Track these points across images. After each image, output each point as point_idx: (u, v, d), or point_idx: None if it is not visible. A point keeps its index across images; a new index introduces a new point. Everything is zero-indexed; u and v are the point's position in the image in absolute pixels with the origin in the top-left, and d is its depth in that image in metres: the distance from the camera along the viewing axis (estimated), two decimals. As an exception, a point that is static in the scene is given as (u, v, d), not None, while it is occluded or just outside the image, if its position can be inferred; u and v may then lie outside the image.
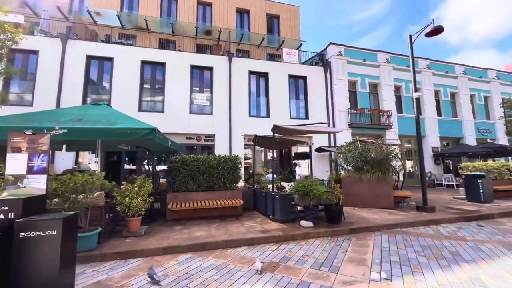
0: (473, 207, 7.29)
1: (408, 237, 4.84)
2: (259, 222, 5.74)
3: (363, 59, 14.91)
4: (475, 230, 5.29)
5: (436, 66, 16.84)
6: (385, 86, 15.20)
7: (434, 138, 15.77)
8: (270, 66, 13.48)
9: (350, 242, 4.58)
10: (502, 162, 9.77)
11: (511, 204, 7.84)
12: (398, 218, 5.92)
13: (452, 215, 6.28)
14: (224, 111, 12.28)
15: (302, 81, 14.02)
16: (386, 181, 7.21)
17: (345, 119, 13.95)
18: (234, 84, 12.61)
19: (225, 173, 6.47)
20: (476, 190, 8.23)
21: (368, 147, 7.71)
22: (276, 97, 13.17)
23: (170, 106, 11.65)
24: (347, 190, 7.76)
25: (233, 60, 12.82)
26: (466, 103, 17.12)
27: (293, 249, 4.24)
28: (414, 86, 7.63)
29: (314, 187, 5.13)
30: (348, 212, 6.78)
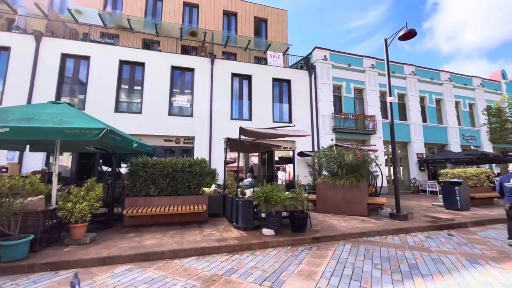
0: (448, 215, 7.12)
1: (372, 247, 4.60)
2: (221, 229, 5.44)
3: (348, 64, 14.86)
4: (443, 240, 5.08)
5: (421, 72, 16.91)
6: (370, 91, 15.15)
7: (419, 144, 15.73)
8: (254, 68, 13.30)
9: (309, 252, 4.31)
10: (482, 169, 9.68)
11: (487, 212, 7.70)
12: (367, 227, 5.69)
13: (424, 223, 6.08)
14: (205, 114, 12.01)
15: (286, 85, 13.86)
16: (359, 187, 6.99)
17: (329, 124, 13.81)
18: (216, 86, 12.38)
19: (189, 177, 6.17)
20: (453, 197, 8.08)
21: (343, 152, 7.51)
22: (259, 100, 12.97)
23: (148, 107, 11.34)
24: (321, 196, 7.55)
25: (216, 62, 12.61)
26: (451, 109, 17.19)
27: (244, 260, 3.95)
28: (388, 91, 7.50)
29: (274, 193, 4.86)
30: (318, 219, 6.53)
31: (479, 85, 18.40)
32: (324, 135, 13.59)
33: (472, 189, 9.23)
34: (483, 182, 9.55)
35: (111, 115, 10.85)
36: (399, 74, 16.12)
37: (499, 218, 6.75)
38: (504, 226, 6.28)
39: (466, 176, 9.22)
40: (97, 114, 10.65)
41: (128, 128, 11.00)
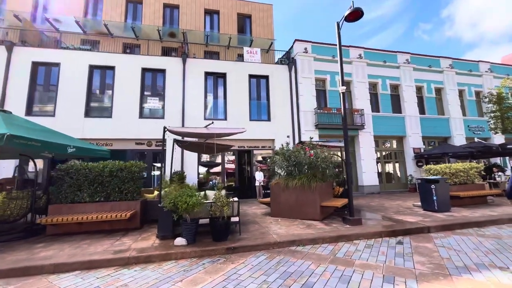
0: (416, 218, 6.23)
1: (289, 259, 3.97)
2: (140, 238, 5.03)
3: (332, 56, 13.97)
4: (383, 249, 4.33)
5: (418, 60, 15.58)
6: (358, 84, 14.15)
7: (415, 138, 14.47)
8: (228, 66, 12.84)
9: (210, 265, 3.78)
10: (471, 164, 8.53)
11: (467, 214, 6.69)
12: (304, 233, 5.03)
13: (377, 228, 5.30)
14: (177, 115, 11.71)
15: (264, 81, 13.26)
16: (311, 188, 6.30)
17: (311, 120, 13.03)
18: (188, 86, 12.06)
19: (119, 182, 5.82)
20: (430, 197, 7.12)
21: (294, 150, 6.85)
22: (235, 99, 12.48)
23: (119, 111, 11.22)
24: (275, 198, 6.95)
25: (188, 61, 12.29)
26: (453, 99, 15.69)
27: (124, 275, 3.50)
28: (341, 79, 6.74)
29: (181, 198, 4.37)
30: (262, 224, 5.95)
31: (487, 71, 16.68)
32: (306, 132, 12.82)
33: (459, 186, 8.18)
34: (474, 179, 8.42)
35: (81, 121, 10.85)
36: (391, 63, 14.94)
37: (476, 221, 5.80)
38: (474, 231, 5.36)
39: (451, 172, 8.15)
40: (67, 120, 10.77)
41: (99, 133, 11.01)
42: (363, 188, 13.09)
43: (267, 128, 12.53)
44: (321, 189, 6.53)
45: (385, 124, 14.20)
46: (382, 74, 14.76)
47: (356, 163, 13.69)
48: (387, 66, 14.88)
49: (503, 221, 5.93)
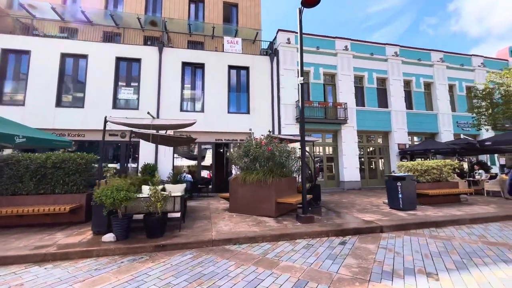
0: (375, 217, 5.97)
1: (215, 258, 3.75)
2: (75, 234, 4.81)
3: (316, 47, 13.50)
4: (322, 250, 4.08)
5: (407, 53, 15.06)
6: (343, 76, 13.72)
7: (401, 133, 14.10)
8: (207, 56, 12.45)
9: (127, 264, 3.56)
10: (446, 161, 8.20)
11: (432, 213, 6.42)
12: (246, 231, 4.79)
13: (326, 227, 5.05)
14: (153, 106, 11.41)
15: (244, 72, 12.88)
16: (267, 184, 6.04)
17: (292, 113, 12.69)
18: (164, 76, 11.71)
19: (63, 174, 5.59)
20: (396, 194, 6.85)
21: (252, 144, 6.57)
22: (213, 90, 12.13)
23: (91, 101, 10.94)
24: (233, 194, 6.72)
25: (164, 51, 11.91)
26: (443, 94, 15.23)
27: (28, 274, 3.29)
28: (300, 69, 6.36)
29: (107, 193, 4.12)
30: (214, 220, 5.73)
31: (480, 65, 16.14)
32: (286, 125, 12.51)
33: (431, 184, 7.89)
34: (447, 176, 8.11)
35: (51, 111, 10.60)
36: (379, 56, 14.45)
37: (435, 221, 5.53)
38: (429, 231, 5.10)
39: (422, 169, 7.85)
40: (37, 110, 10.52)
41: (71, 123, 10.76)
42: (343, 183, 12.84)
43: (246, 121, 12.20)
44: (279, 185, 6.27)
45: (370, 119, 13.84)
46: (369, 67, 14.29)
47: (338, 158, 13.40)
48: (375, 58, 14.39)
49: (464, 222, 5.67)
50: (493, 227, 5.41)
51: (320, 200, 8.42)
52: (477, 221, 5.76)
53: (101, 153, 5.19)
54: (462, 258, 3.65)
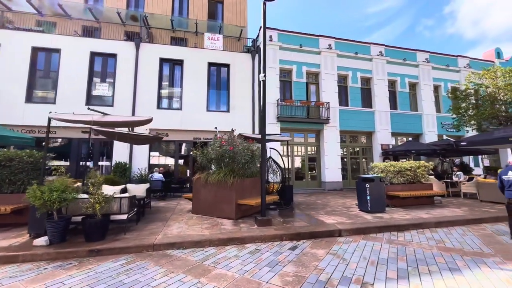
0: (339, 219, 5.77)
1: (147, 265, 3.50)
2: (12, 236, 4.52)
3: (299, 45, 13.28)
4: (266, 256, 3.86)
5: (393, 53, 14.92)
6: (326, 75, 13.52)
7: (384, 134, 13.95)
8: (186, 52, 12.16)
9: (48, 271, 3.29)
10: (420, 162, 8.05)
11: (398, 216, 6.24)
12: (193, 235, 4.55)
13: (280, 231, 4.83)
14: (128, 103, 11.09)
15: (225, 70, 12.61)
16: (227, 184, 5.80)
17: (273, 112, 12.46)
18: (141, 72, 11.40)
19: (8, 173, 5.29)
20: (364, 196, 6.66)
21: (214, 143, 6.33)
22: (192, 87, 11.85)
23: (63, 96, 10.59)
24: (196, 194, 6.47)
25: (142, 46, 11.59)
26: (427, 94, 15.12)
27: None
28: (263, 65, 6.13)
29: (34, 194, 3.84)
30: (170, 221, 5.47)
31: (466, 66, 16.06)
32: (268, 124, 12.18)
33: (404, 185, 7.73)
34: (421, 178, 7.96)
35: (21, 106, 10.23)
36: (363, 55, 14.27)
37: (397, 225, 5.34)
38: (389, 235, 4.91)
39: (395, 170, 7.68)
40: (6, 105, 10.15)
41: (41, 120, 10.35)
42: (325, 184, 12.66)
43: (225, 119, 11.94)
44: (242, 185, 6.04)
45: (353, 119, 13.67)
46: (353, 66, 14.12)
47: (320, 158, 13.22)
48: (359, 58, 14.22)
49: (428, 225, 5.49)
50: (456, 231, 5.24)
51: (292, 201, 8.24)
52: (442, 225, 5.59)
53: (45, 151, 4.88)
54: (408, 266, 3.45)
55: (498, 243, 4.43)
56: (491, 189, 8.11)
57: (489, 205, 7.74)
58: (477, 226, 5.65)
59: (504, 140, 7.16)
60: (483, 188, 8.35)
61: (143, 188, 6.69)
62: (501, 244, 4.34)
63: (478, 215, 6.21)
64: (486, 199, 8.21)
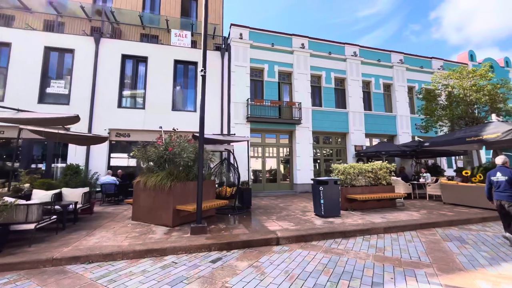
0: (286, 225, 5.39)
1: (29, 285, 2.99)
2: None
3: (271, 44, 12.95)
4: (178, 271, 3.41)
5: (367, 53, 14.81)
6: (299, 75, 13.23)
7: (358, 135, 13.77)
8: (151, 49, 11.61)
9: None
10: (381, 164, 7.81)
11: (350, 220, 5.92)
12: (107, 246, 4.05)
13: (209, 240, 4.39)
14: (86, 101, 10.44)
15: (193, 68, 12.14)
16: (165, 188, 5.33)
17: (243, 112, 12.04)
18: (101, 69, 10.77)
19: None
20: (318, 200, 6.32)
21: (152, 144, 5.86)
22: (156, 86, 11.30)
23: (14, 94, 9.85)
24: (136, 199, 5.96)
25: (102, 42, 10.97)
26: (402, 96, 15.09)
27: None
28: (203, 59, 5.72)
29: None
30: (100, 229, 4.94)
31: (439, 68, 16.14)
32: (236, 125, 11.86)
33: (364, 188, 7.44)
34: (383, 179, 7.71)
35: (-36, 104, 9.43)
36: (337, 56, 14.08)
37: (345, 231, 5.00)
38: (331, 243, 4.55)
39: (355, 172, 7.39)
40: None
41: (-12, 118, 9.61)
42: (297, 186, 12.33)
43: (192, 119, 11.45)
44: (183, 189, 5.58)
45: (327, 120, 13.43)
46: (327, 66, 13.91)
47: (292, 160, 12.90)
48: (333, 58, 14.02)
49: (377, 231, 5.18)
50: (405, 237, 4.94)
51: (250, 205, 7.84)
52: (392, 230, 5.29)
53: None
54: (328, 281, 3.08)
55: (441, 250, 4.13)
56: (454, 191, 7.96)
57: (450, 207, 7.55)
58: (428, 231, 5.38)
59: (462, 141, 6.99)
60: (446, 190, 8.18)
61: (79, 192, 6.12)
62: (442, 252, 4.05)
63: (434, 219, 5.96)
64: (449, 201, 8.04)
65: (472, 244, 4.47)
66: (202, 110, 5.41)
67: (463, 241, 4.61)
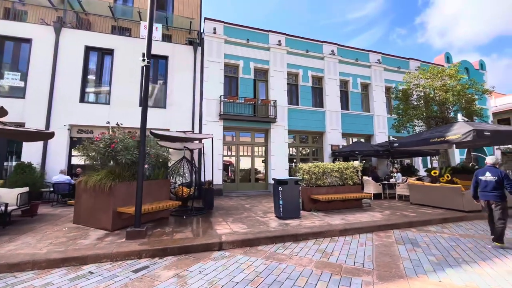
0: (241, 227, 5.05)
1: None
2: None
3: (246, 39, 12.60)
4: (89, 282, 3.00)
5: (345, 52, 14.71)
6: (275, 73, 12.94)
7: (335, 134, 13.64)
8: (118, 41, 11.02)
9: None
10: (349, 163, 7.62)
11: (308, 223, 5.65)
12: (19, 255, 3.59)
13: (142, 246, 3.99)
14: (43, 95, 9.74)
15: (163, 62, 11.62)
16: (104, 189, 4.87)
17: (215, 109, 11.62)
18: (62, 61, 10.09)
19: None
20: (277, 201, 6.02)
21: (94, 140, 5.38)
22: (123, 80, 10.71)
23: (-40, 85, 9.05)
24: (78, 200, 5.46)
25: (63, 32, 10.29)
26: (379, 95, 15.10)
27: None
28: (147, 52, 5.31)
29: None
30: (21, 234, 4.42)
31: (417, 69, 16.24)
32: (208, 122, 11.43)
33: (330, 188, 7.21)
34: (349, 179, 7.51)
35: None
36: (315, 54, 13.90)
37: (296, 234, 4.71)
38: (278, 247, 4.24)
39: (319, 171, 7.14)
40: None
41: None
42: (270, 186, 12.03)
43: (161, 116, 10.95)
44: (126, 190, 5.13)
45: (303, 119, 13.21)
46: (304, 64, 13.69)
47: (267, 159, 12.60)
48: (310, 56, 13.82)
49: (332, 233, 4.92)
50: (359, 239, 4.71)
51: (213, 206, 7.47)
52: (348, 232, 5.05)
53: None
54: (252, 293, 2.75)
55: (389, 255, 3.90)
56: (420, 192, 7.86)
57: (415, 208, 7.43)
58: (385, 232, 5.17)
59: (426, 142, 6.87)
60: (413, 190, 8.08)
61: (15, 193, 5.56)
62: (390, 257, 3.81)
63: (394, 220, 5.78)
64: (416, 201, 7.95)
65: (424, 247, 4.28)
66: (146, 100, 5.04)
67: (416, 244, 4.42)
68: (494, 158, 4.61)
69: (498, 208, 4.23)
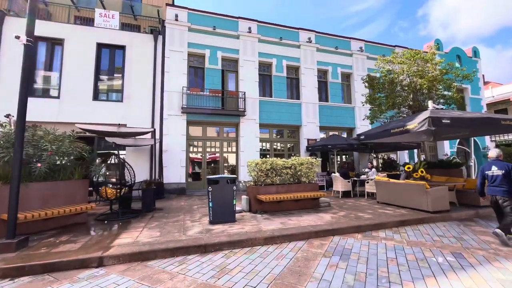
0: (154, 235, 4.29)
1: None
2: None
3: (213, 27, 11.71)
4: None
5: (324, 40, 13.76)
6: (246, 62, 12.07)
7: (312, 127, 12.78)
8: (68, 30, 10.22)
9: None
10: (305, 159, 6.80)
11: (236, 229, 4.85)
12: None
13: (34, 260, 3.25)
14: (-15, 89, 9.03)
15: (120, 52, 10.80)
16: None
17: (178, 102, 10.82)
18: (5, 52, 9.38)
19: None
20: (208, 203, 5.24)
21: None
22: (75, 72, 9.94)
23: None
24: None
25: (6, 21, 9.52)
26: (362, 86, 14.09)
27: None
28: (28, 27, 4.49)
29: None
30: None
31: (403, 57, 15.22)
32: (169, 116, 10.65)
33: (281, 187, 6.41)
34: (304, 176, 6.69)
35: None
36: (290, 42, 12.98)
37: (206, 244, 3.93)
38: (176, 260, 3.46)
39: (267, 168, 6.33)
40: None
41: None
42: (239, 184, 11.26)
43: (117, 110, 10.18)
44: (23, 193, 4.37)
45: (277, 111, 12.37)
46: (278, 53, 12.78)
47: (237, 155, 11.81)
48: (285, 44, 12.90)
49: (255, 242, 4.13)
50: (283, 250, 3.91)
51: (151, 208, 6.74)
52: (276, 240, 4.26)
53: None
54: None
55: (298, 274, 3.10)
56: (386, 189, 7.02)
57: (378, 207, 6.59)
58: (321, 240, 4.37)
59: (387, 133, 6.02)
60: (379, 188, 7.24)
61: None
62: (297, 277, 3.02)
63: (339, 224, 4.96)
64: (382, 200, 7.11)
65: (353, 260, 3.47)
66: (24, 87, 4.20)
67: (345, 257, 3.61)
68: (495, 151, 4.33)
69: (506, 204, 3.98)
